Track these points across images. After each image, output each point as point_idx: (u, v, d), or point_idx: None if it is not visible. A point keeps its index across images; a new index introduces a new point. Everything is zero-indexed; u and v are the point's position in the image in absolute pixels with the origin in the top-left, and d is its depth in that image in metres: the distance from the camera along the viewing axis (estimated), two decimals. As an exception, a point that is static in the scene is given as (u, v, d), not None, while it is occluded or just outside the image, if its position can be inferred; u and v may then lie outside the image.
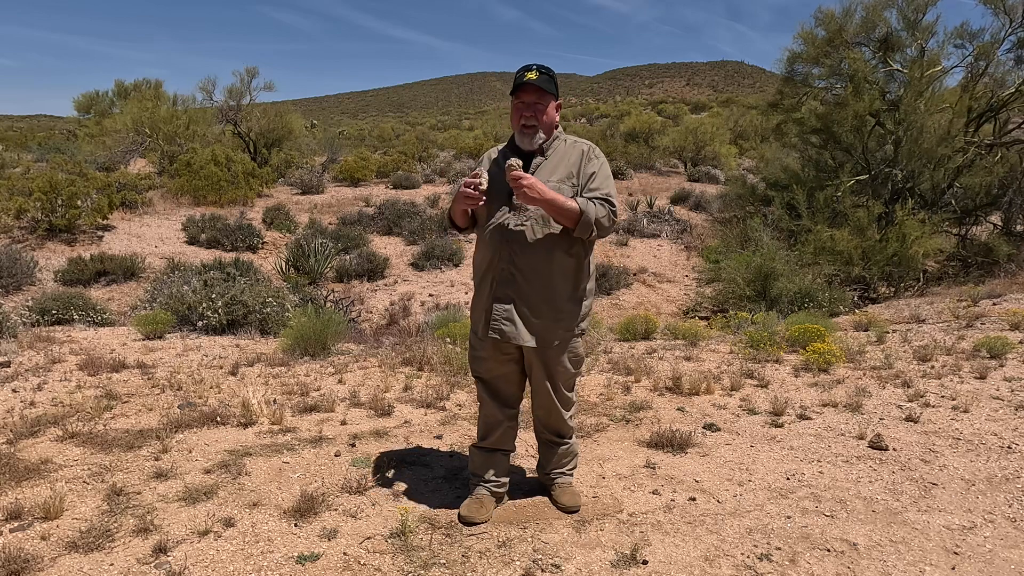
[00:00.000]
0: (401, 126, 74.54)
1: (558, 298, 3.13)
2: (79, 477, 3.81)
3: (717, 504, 3.50)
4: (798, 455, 4.15)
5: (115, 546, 3.06)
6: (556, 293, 3.12)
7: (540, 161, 3.12)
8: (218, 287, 9.82)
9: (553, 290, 3.11)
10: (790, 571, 2.90)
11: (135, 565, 2.90)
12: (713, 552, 3.04)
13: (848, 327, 8.83)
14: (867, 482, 3.77)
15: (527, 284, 3.08)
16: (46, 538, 3.13)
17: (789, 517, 3.36)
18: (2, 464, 3.94)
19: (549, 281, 3.10)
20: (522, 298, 3.09)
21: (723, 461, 4.06)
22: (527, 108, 3.07)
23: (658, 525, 3.27)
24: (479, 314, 3.24)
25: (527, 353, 3.21)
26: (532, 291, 3.09)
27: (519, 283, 3.08)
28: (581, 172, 3.11)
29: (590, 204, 3.01)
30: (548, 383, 3.26)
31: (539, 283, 3.08)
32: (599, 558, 2.98)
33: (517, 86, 3.07)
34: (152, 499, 3.52)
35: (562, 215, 2.99)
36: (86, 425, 4.74)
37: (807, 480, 3.79)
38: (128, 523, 3.25)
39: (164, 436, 4.43)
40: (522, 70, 3.07)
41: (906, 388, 5.52)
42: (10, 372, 6.52)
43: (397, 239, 19.38)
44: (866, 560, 2.99)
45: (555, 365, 3.22)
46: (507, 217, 3.08)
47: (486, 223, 3.14)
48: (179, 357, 7.45)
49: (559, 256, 3.09)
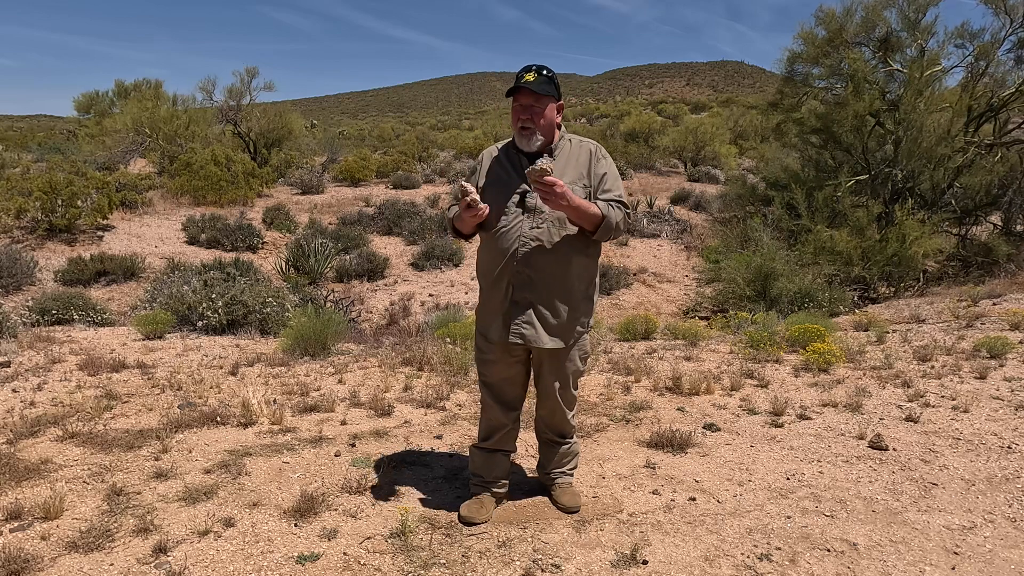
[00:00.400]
0: (401, 126, 74.40)
1: (575, 298, 3.14)
2: (79, 477, 3.81)
3: (717, 504, 3.50)
4: (798, 455, 4.15)
5: (115, 546, 3.06)
6: (573, 293, 3.13)
7: None
8: (218, 287, 9.82)
9: (570, 290, 3.11)
10: (790, 571, 2.90)
11: (135, 565, 2.90)
12: (713, 552, 3.04)
13: (848, 327, 8.84)
14: (867, 482, 3.77)
15: (546, 287, 3.06)
16: (46, 538, 3.13)
17: (789, 517, 3.36)
18: (2, 464, 3.94)
19: (567, 282, 3.09)
20: (541, 301, 3.08)
21: (723, 461, 4.06)
22: (524, 111, 3.04)
23: (658, 525, 3.27)
24: (491, 318, 3.19)
25: (539, 354, 3.20)
26: (551, 293, 3.08)
27: (537, 286, 3.06)
28: (592, 173, 3.10)
29: (611, 209, 3.01)
30: (558, 382, 3.26)
31: (558, 285, 3.07)
32: (599, 558, 2.98)
33: (514, 88, 3.05)
34: (152, 499, 3.52)
35: (584, 220, 2.98)
36: (86, 425, 4.74)
37: (807, 480, 3.79)
38: (128, 523, 3.25)
39: (164, 436, 4.43)
40: (521, 71, 3.07)
41: (906, 388, 5.52)
42: (10, 372, 6.52)
43: (397, 239, 19.38)
44: (866, 560, 2.99)
45: (568, 363, 3.24)
46: (521, 220, 3.05)
47: (495, 226, 3.09)
48: (179, 357, 7.45)
49: (576, 257, 3.09)
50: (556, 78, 3.10)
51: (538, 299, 3.07)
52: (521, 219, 3.05)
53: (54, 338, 8.34)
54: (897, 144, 15.62)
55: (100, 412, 5.04)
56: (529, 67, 3.05)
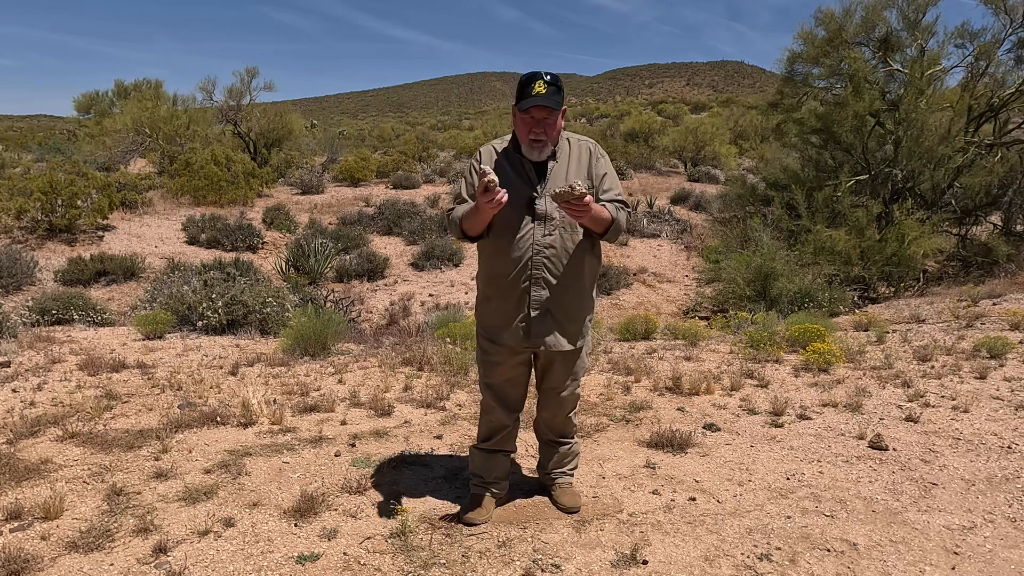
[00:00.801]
0: (401, 126, 74.18)
1: (585, 297, 3.17)
2: (79, 477, 3.81)
3: (717, 504, 3.50)
4: (798, 455, 4.16)
5: (115, 546, 3.06)
6: (585, 294, 3.16)
7: (553, 166, 3.06)
8: (218, 287, 9.83)
9: (583, 292, 3.14)
10: (790, 571, 2.90)
11: (135, 565, 2.90)
12: (713, 552, 3.04)
13: (848, 327, 8.84)
14: (867, 482, 3.77)
15: (562, 291, 3.07)
16: (46, 538, 3.13)
17: (789, 517, 3.36)
18: (2, 464, 3.95)
19: (580, 284, 3.11)
20: (559, 305, 3.08)
21: (723, 461, 4.06)
22: (537, 124, 2.95)
23: (658, 525, 3.28)
24: (503, 324, 3.13)
25: (551, 356, 3.21)
26: (568, 297, 3.09)
27: (554, 291, 3.06)
28: (593, 173, 3.09)
29: (619, 211, 3.03)
30: (566, 381, 3.28)
31: (572, 289, 3.09)
32: (599, 558, 2.98)
33: (525, 102, 2.93)
34: (152, 499, 3.52)
35: (596, 225, 2.99)
36: (86, 425, 4.74)
37: (807, 480, 3.79)
38: (128, 523, 3.25)
39: (164, 436, 4.43)
40: (529, 81, 2.93)
41: (906, 388, 5.53)
42: (10, 372, 6.52)
43: (397, 239, 19.38)
44: (866, 560, 2.99)
45: (578, 362, 3.27)
46: (532, 227, 2.99)
47: (504, 232, 3.03)
48: (179, 357, 7.45)
49: (588, 259, 3.12)
50: (563, 85, 3.05)
51: (555, 304, 3.08)
52: (532, 226, 2.99)
53: (54, 338, 8.35)
54: (897, 144, 15.63)
55: (100, 412, 5.04)
56: (535, 75, 2.93)
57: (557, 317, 3.09)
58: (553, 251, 3.01)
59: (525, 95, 2.95)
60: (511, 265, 3.04)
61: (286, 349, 7.58)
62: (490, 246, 3.10)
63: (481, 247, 3.16)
